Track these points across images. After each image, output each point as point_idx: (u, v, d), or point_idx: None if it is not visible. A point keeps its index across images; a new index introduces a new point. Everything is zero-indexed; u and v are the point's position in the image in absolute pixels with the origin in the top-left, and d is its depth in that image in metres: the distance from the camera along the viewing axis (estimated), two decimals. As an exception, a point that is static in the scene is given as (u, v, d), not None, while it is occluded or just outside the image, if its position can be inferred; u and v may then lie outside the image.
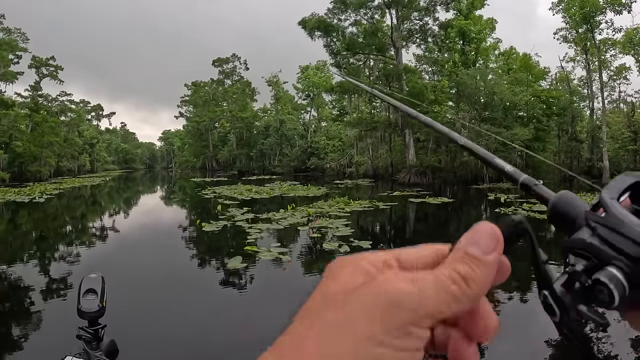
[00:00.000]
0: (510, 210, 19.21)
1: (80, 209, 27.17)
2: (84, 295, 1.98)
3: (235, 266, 9.66)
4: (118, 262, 11.18)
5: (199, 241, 13.95)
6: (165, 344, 5.96)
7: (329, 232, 14.06)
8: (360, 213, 19.13)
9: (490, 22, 51.81)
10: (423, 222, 19.76)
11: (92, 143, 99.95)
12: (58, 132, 69.67)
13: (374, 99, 52.68)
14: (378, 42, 46.55)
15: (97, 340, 1.97)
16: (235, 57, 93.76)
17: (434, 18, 47.11)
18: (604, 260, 0.38)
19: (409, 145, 44.47)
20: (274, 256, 10.48)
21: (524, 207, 20.01)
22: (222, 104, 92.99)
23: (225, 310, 7.53)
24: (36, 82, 71.01)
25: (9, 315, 7.44)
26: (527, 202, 21.60)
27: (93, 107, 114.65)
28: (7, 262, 11.17)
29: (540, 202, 0.52)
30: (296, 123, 79.56)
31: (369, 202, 22.26)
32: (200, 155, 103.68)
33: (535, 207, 19.58)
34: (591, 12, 41.90)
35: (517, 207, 20.11)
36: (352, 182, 44.33)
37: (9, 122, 54.80)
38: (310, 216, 17.17)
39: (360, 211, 19.53)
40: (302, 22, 47.30)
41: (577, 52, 50.07)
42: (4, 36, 58.93)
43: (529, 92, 42.34)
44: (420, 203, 23.39)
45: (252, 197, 26.73)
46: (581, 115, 49.87)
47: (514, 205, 20.80)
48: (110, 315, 2.04)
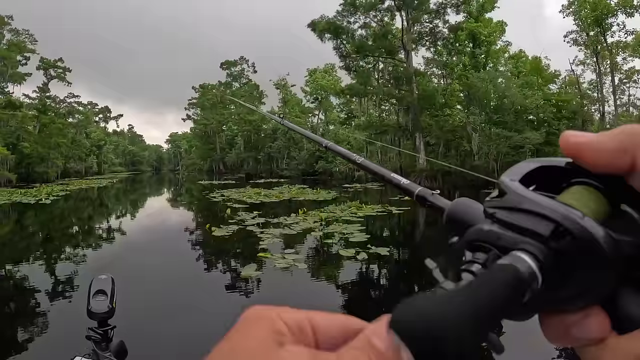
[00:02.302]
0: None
1: (87, 210, 26.89)
2: (93, 296, 1.96)
3: (250, 274, 9.21)
4: (127, 265, 10.79)
5: (209, 247, 13.49)
6: (175, 347, 5.83)
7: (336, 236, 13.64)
8: (374, 218, 18.66)
9: (500, 25, 51.31)
10: (437, 227, 19.21)
11: (100, 145, 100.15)
12: (65, 134, 69.82)
13: (384, 102, 52.28)
14: (388, 44, 46.12)
15: (107, 341, 1.94)
16: (243, 59, 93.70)
17: (444, 21, 46.70)
18: (507, 247, 0.32)
19: (420, 149, 43.97)
20: (289, 263, 10.01)
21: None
22: (230, 107, 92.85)
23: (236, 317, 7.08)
24: (44, 84, 71.13)
25: (19, 316, 7.34)
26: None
27: (100, 109, 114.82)
28: (17, 263, 11.07)
29: (436, 213, 0.47)
30: (304, 126, 79.11)
31: (381, 207, 21.79)
32: (207, 158, 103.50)
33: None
34: (603, 14, 41.44)
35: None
36: (361, 186, 43.84)
37: (16, 123, 54.89)
38: (323, 221, 16.71)
39: (373, 216, 19.06)
40: (312, 24, 46.93)
41: (587, 55, 49.52)
42: (13, 38, 59.01)
43: (539, 96, 41.78)
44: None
45: (262, 201, 26.34)
46: (592, 119, 49.26)
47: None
48: (120, 316, 1.98)
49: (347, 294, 8.49)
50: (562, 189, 0.36)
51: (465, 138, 44.16)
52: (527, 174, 0.37)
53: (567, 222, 0.31)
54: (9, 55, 53.89)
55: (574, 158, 0.36)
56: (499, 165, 39.55)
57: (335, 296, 8.31)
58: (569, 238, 0.31)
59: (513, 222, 0.33)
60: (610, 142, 0.33)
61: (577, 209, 0.32)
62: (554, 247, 0.31)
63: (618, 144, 0.32)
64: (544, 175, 0.38)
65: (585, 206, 0.33)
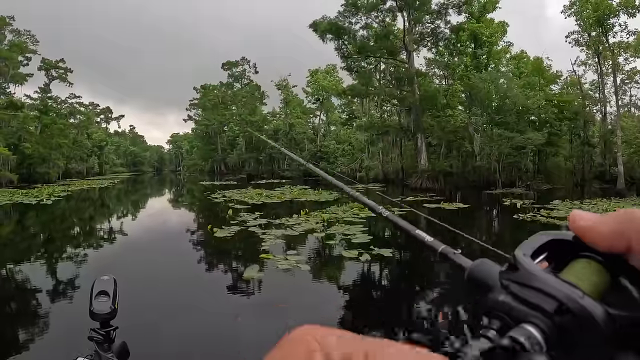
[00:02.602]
0: (528, 216, 18.54)
1: (89, 211, 26.83)
2: (96, 297, 1.97)
3: (252, 275, 9.14)
4: (130, 266, 10.72)
5: (211, 248, 13.41)
6: (176, 348, 5.78)
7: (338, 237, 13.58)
8: (376, 219, 18.57)
9: (502, 25, 51.18)
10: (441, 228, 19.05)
11: (101, 145, 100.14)
12: (67, 134, 69.78)
13: (385, 103, 52.20)
14: (390, 45, 46.00)
15: (109, 342, 1.95)
16: (244, 60, 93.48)
17: (445, 21, 46.59)
18: (518, 318, 0.36)
19: (421, 150, 43.86)
20: (292, 265, 9.94)
21: (542, 213, 19.41)
22: (232, 108, 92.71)
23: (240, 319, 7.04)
24: (45, 84, 71.04)
25: (21, 316, 7.32)
26: (544, 208, 21.00)
27: (102, 110, 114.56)
28: (18, 263, 11.06)
29: (459, 270, 0.51)
30: (305, 127, 79.10)
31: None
32: (208, 159, 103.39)
33: (553, 214, 19.00)
34: (605, 14, 41.28)
35: (535, 213, 19.48)
36: (363, 187, 43.60)
37: (18, 124, 54.85)
38: (325, 222, 16.63)
39: (375, 217, 18.93)
40: (314, 25, 46.81)
41: (589, 56, 49.34)
42: (14, 38, 58.97)
43: (541, 97, 41.64)
44: (436, 209, 22.75)
45: (263, 202, 26.28)
46: (593, 120, 49.11)
47: (531, 212, 20.15)
48: (122, 317, 1.99)
49: (350, 295, 8.41)
50: (569, 261, 0.41)
51: (467, 139, 44.05)
52: (539, 247, 0.42)
53: (569, 301, 0.35)
54: (10, 56, 53.81)
55: (579, 237, 0.41)
56: (501, 166, 39.44)
57: (339, 298, 8.24)
58: (570, 315, 0.34)
59: (524, 297, 0.37)
60: (609, 226, 0.38)
61: (579, 287, 0.36)
62: (558, 323, 0.34)
63: (615, 229, 0.38)
64: (554, 247, 0.43)
65: (587, 281, 0.38)
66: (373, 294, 8.94)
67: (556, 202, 23.68)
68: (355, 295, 8.41)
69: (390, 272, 10.40)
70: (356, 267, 10.14)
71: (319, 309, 7.48)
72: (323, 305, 7.68)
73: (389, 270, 10.46)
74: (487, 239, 16.35)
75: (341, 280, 9.49)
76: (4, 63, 52.75)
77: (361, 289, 8.99)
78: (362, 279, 9.61)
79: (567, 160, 46.12)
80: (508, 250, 0.36)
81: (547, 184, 39.92)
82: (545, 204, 23.14)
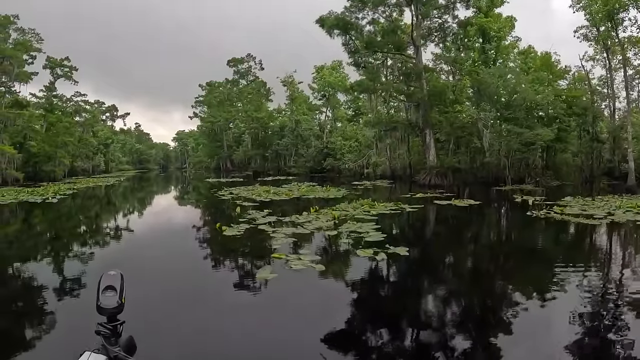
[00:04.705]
0: (542, 213, 18.09)
1: (95, 209, 26.61)
2: (103, 292, 1.96)
3: (265, 277, 8.77)
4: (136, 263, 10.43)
5: (220, 247, 13.05)
6: (184, 343, 5.73)
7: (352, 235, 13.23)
8: (388, 216, 18.21)
9: (510, 20, 50.72)
10: (456, 226, 18.53)
11: (107, 143, 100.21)
12: (72, 132, 69.78)
13: (392, 99, 51.76)
14: (397, 40, 45.54)
15: (116, 336, 1.95)
16: (250, 57, 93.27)
17: (453, 16, 46.08)
18: None
19: (430, 146, 43.42)
20: (305, 264, 9.56)
21: (555, 209, 18.97)
22: (237, 104, 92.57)
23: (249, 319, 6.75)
24: (51, 83, 70.98)
25: (30, 312, 7.33)
26: (556, 204, 20.54)
27: (107, 108, 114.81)
28: (25, 261, 11.12)
29: None
30: (311, 123, 78.78)
31: (394, 205, 21.36)
32: (214, 156, 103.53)
33: (566, 211, 18.57)
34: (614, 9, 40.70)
35: (548, 210, 19.03)
36: (371, 183, 43.48)
37: (23, 122, 54.83)
38: (336, 219, 16.25)
39: (387, 214, 18.61)
40: (320, 20, 46.38)
41: (597, 51, 48.79)
42: (18, 37, 58.82)
43: (550, 91, 41.14)
44: (446, 205, 22.37)
45: (271, 199, 25.96)
46: (602, 116, 48.57)
47: (544, 208, 19.70)
48: (129, 312, 1.97)
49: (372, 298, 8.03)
50: None
51: (475, 135, 43.62)
52: None
53: None
54: (15, 55, 53.55)
55: None
56: (510, 162, 38.99)
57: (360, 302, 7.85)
58: None
59: None
60: None
61: None
62: None
63: None
64: None
65: None
66: (394, 295, 8.54)
67: (568, 199, 23.24)
68: (378, 299, 8.04)
69: (409, 272, 9.99)
70: (374, 267, 9.78)
71: (338, 312, 7.10)
72: (342, 308, 7.30)
73: (408, 270, 10.04)
74: (507, 238, 15.94)
75: (360, 281, 9.06)
76: (8, 62, 52.45)
77: (382, 290, 8.69)
78: (381, 280, 9.34)
79: (575, 157, 45.60)
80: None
81: (556, 180, 39.42)
82: (557, 200, 22.66)
